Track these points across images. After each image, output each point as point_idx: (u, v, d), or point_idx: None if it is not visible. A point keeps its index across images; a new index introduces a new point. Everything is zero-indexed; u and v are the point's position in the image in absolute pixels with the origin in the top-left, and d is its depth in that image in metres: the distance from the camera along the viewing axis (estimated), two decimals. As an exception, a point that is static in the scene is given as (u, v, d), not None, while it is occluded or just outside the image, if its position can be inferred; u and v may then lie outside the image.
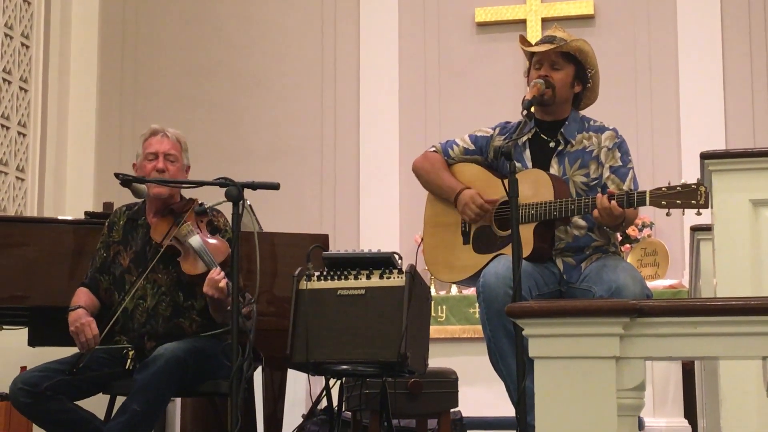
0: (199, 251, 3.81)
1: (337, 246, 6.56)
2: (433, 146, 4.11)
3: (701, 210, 3.51)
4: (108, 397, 3.93)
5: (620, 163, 3.85)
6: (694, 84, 7.07)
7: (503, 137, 3.94)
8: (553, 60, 3.88)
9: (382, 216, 7.30)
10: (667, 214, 3.60)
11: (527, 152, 3.89)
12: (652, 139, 7.09)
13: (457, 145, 4.04)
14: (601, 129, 3.92)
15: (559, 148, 3.88)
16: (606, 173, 3.84)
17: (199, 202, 3.92)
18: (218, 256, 3.82)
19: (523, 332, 2.33)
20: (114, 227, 4.06)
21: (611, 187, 3.76)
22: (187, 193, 4.10)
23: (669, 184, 3.57)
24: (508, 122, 4.04)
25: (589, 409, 2.25)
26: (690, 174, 6.52)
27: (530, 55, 3.96)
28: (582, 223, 3.80)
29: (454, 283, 4.32)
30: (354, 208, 7.40)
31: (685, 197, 3.51)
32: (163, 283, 3.91)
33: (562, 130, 3.89)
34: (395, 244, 7.03)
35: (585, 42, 3.94)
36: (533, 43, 4.00)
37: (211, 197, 3.82)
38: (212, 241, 3.90)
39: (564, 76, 3.89)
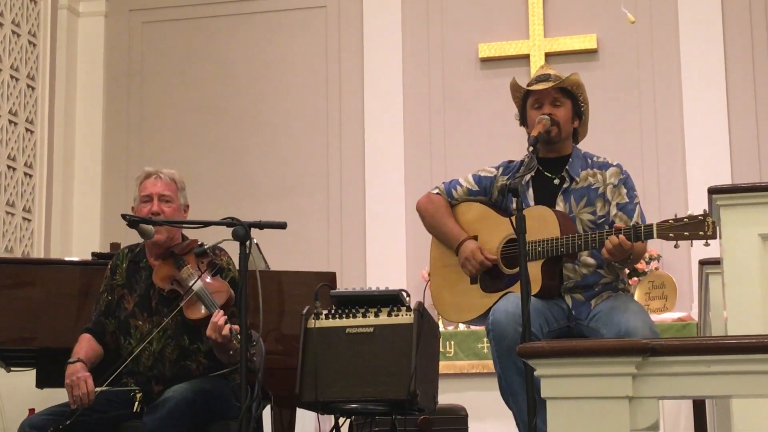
0: (200, 295, 3.79)
1: (345, 283, 6.53)
2: (437, 187, 4.10)
3: (709, 241, 3.50)
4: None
5: (627, 200, 3.84)
6: (698, 117, 7.07)
7: (506, 176, 3.94)
8: (553, 97, 3.89)
9: (388, 252, 7.29)
10: (675, 246, 3.60)
11: (530, 191, 3.89)
12: (657, 173, 7.09)
13: (461, 185, 4.04)
14: (605, 165, 3.91)
15: (564, 185, 3.88)
16: (613, 210, 3.83)
17: (199, 242, 3.90)
18: (219, 298, 3.80)
19: (535, 373, 2.31)
20: (117, 270, 4.04)
21: (618, 224, 3.75)
22: (190, 232, 4.08)
23: (675, 216, 3.57)
24: (511, 161, 4.03)
25: (604, 450, 2.24)
26: (696, 207, 6.52)
27: (523, 98, 3.97)
28: (591, 261, 3.79)
29: (464, 323, 4.30)
30: (360, 245, 7.40)
31: (692, 229, 3.51)
32: (168, 326, 3.87)
33: (566, 167, 3.89)
34: (402, 280, 7.02)
35: (578, 75, 3.96)
36: (526, 86, 4.00)
37: (217, 236, 3.80)
38: (213, 282, 3.88)
39: (565, 111, 3.90)
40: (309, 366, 3.70)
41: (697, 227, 3.50)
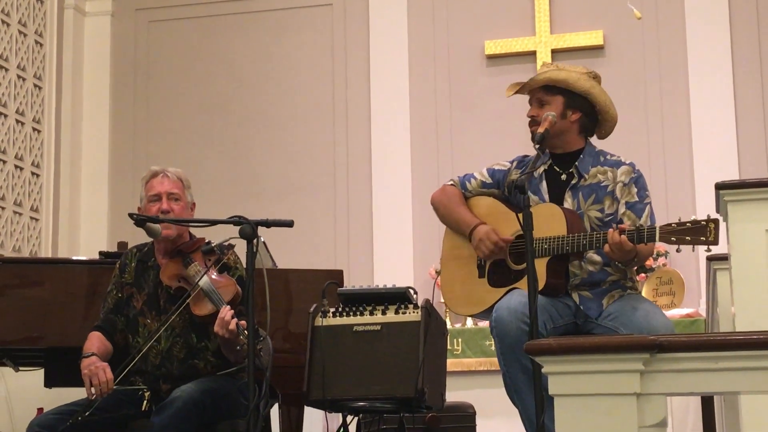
0: (207, 291, 3.80)
1: (352, 281, 6.55)
2: (451, 180, 4.11)
3: (711, 246, 3.49)
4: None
5: (636, 199, 3.81)
6: (705, 113, 7.06)
7: (520, 171, 3.93)
8: (537, 97, 3.88)
9: (395, 250, 7.29)
10: (677, 251, 3.58)
11: (544, 184, 3.88)
12: (664, 170, 7.08)
13: (475, 178, 4.04)
14: (617, 164, 3.88)
15: (573, 181, 3.86)
16: (622, 209, 3.80)
17: (206, 240, 3.90)
18: (226, 294, 3.81)
19: (543, 370, 2.31)
20: (126, 269, 4.05)
21: (626, 223, 3.72)
22: (197, 231, 4.09)
23: (679, 220, 3.55)
24: (526, 156, 4.03)
25: (611, 447, 2.24)
26: (703, 203, 6.52)
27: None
28: (597, 258, 3.78)
29: (469, 316, 4.32)
30: (368, 243, 7.40)
31: (694, 234, 3.50)
32: (176, 325, 3.88)
33: (576, 163, 3.88)
34: (409, 278, 7.02)
35: (558, 70, 3.89)
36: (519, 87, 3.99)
37: (224, 235, 3.80)
38: (219, 278, 3.89)
39: (554, 109, 3.85)
40: (316, 364, 3.69)
41: (699, 232, 3.49)
